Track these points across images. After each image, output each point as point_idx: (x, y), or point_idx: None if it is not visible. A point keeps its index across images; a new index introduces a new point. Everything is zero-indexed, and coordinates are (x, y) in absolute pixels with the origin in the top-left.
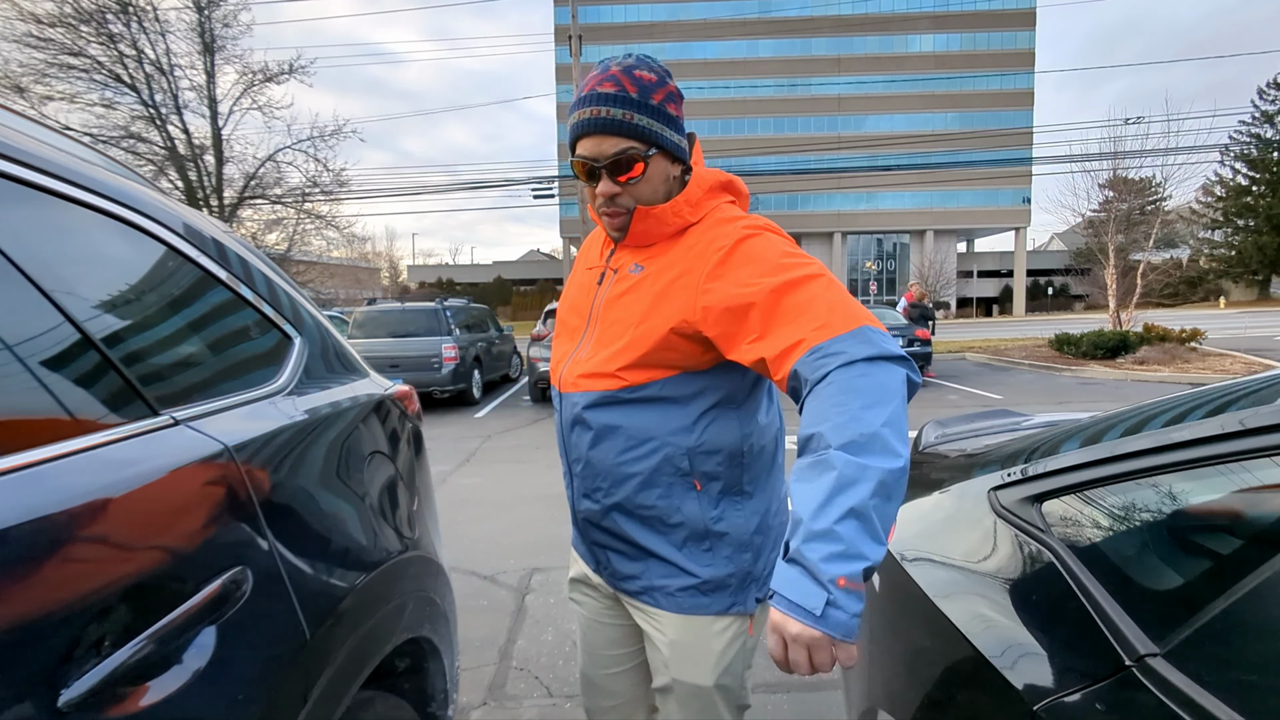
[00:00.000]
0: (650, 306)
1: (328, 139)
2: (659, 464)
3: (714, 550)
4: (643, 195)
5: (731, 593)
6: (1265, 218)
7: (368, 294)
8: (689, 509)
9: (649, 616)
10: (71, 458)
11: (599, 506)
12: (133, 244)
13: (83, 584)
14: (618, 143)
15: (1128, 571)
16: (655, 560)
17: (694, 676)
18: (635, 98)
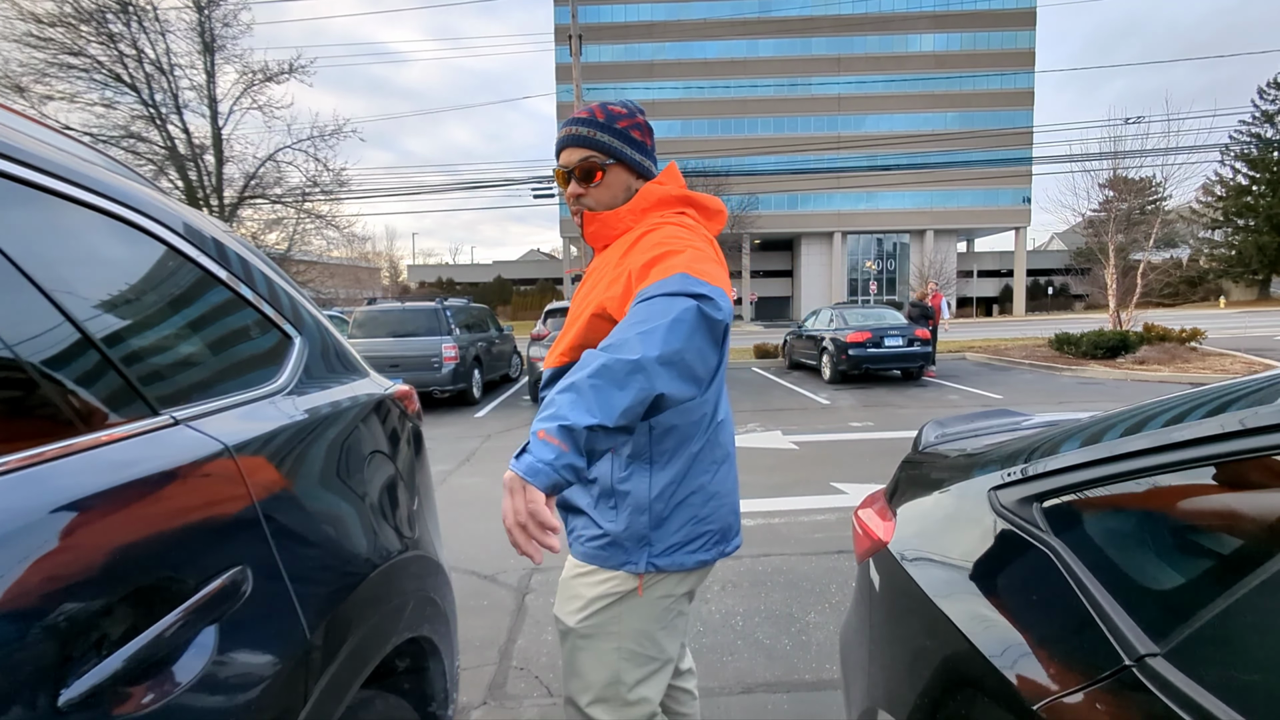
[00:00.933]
0: (584, 296)
1: (328, 139)
2: None
3: (617, 508)
4: (602, 199)
5: (625, 551)
6: (1265, 217)
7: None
8: (601, 467)
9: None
10: (72, 457)
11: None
12: (133, 244)
13: (83, 584)
14: (583, 153)
15: (1128, 571)
16: (577, 514)
17: (564, 614)
18: (601, 121)
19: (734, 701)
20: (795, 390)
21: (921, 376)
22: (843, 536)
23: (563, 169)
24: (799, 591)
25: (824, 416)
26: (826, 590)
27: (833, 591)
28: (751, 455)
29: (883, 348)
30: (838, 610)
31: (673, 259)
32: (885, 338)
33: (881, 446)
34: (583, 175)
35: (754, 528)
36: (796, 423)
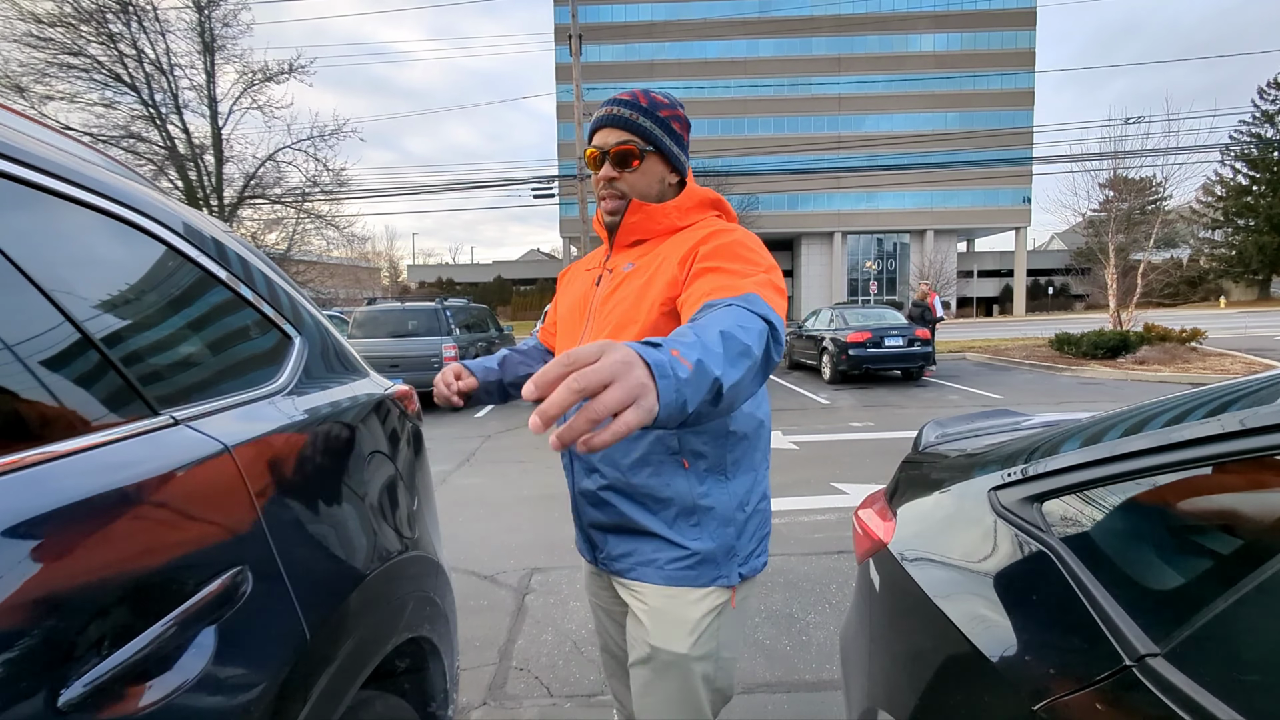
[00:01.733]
0: (641, 292)
1: (327, 139)
2: (651, 443)
3: (701, 525)
4: (636, 186)
5: (717, 565)
6: (1265, 217)
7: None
8: (678, 485)
9: (633, 592)
10: (71, 457)
11: (596, 486)
12: (133, 244)
13: (83, 584)
14: (621, 135)
15: (1128, 571)
16: (646, 537)
17: (672, 644)
18: (644, 106)
19: (734, 701)
20: (795, 390)
21: (921, 376)
22: (843, 536)
23: (598, 149)
24: (799, 591)
25: (824, 416)
26: (826, 590)
27: (833, 591)
28: None
29: (883, 348)
30: (838, 610)
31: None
32: (885, 338)
33: (881, 446)
34: (619, 159)
35: None
36: (796, 423)
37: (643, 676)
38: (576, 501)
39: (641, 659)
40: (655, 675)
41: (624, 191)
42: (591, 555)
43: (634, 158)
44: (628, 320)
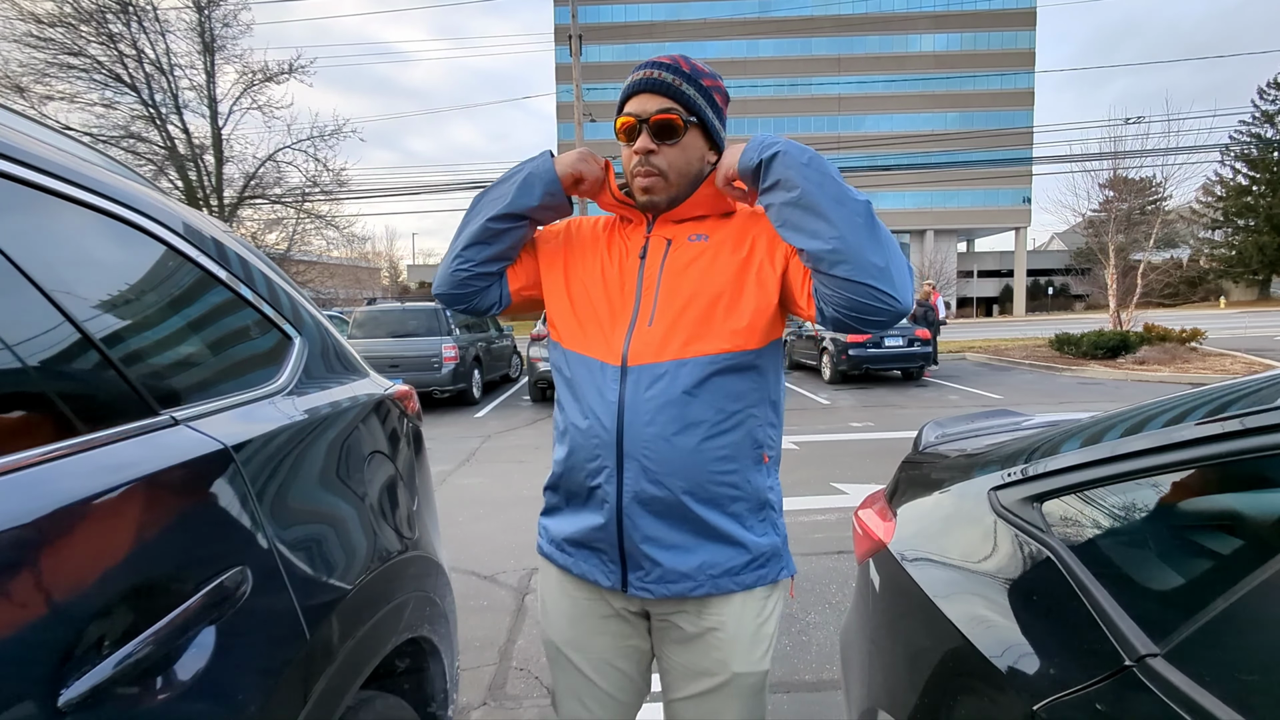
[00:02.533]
0: (743, 267)
1: (327, 139)
2: (741, 438)
3: (767, 520)
4: (675, 161)
5: (781, 557)
6: (1265, 218)
7: (368, 294)
8: (755, 482)
9: (700, 616)
10: (71, 457)
11: (663, 493)
12: (133, 244)
13: (83, 584)
14: (663, 102)
15: (1128, 571)
16: (716, 544)
17: (754, 662)
18: (686, 72)
19: None
20: (795, 390)
21: (921, 376)
22: (843, 536)
23: (634, 117)
24: (799, 591)
25: (824, 416)
26: (826, 590)
27: (833, 591)
28: None
29: (883, 348)
30: (838, 610)
31: None
32: (885, 338)
33: (881, 446)
34: (660, 130)
35: None
36: (797, 423)
37: (712, 705)
38: (624, 519)
39: (713, 687)
40: (732, 700)
41: (662, 168)
42: (621, 581)
43: (676, 130)
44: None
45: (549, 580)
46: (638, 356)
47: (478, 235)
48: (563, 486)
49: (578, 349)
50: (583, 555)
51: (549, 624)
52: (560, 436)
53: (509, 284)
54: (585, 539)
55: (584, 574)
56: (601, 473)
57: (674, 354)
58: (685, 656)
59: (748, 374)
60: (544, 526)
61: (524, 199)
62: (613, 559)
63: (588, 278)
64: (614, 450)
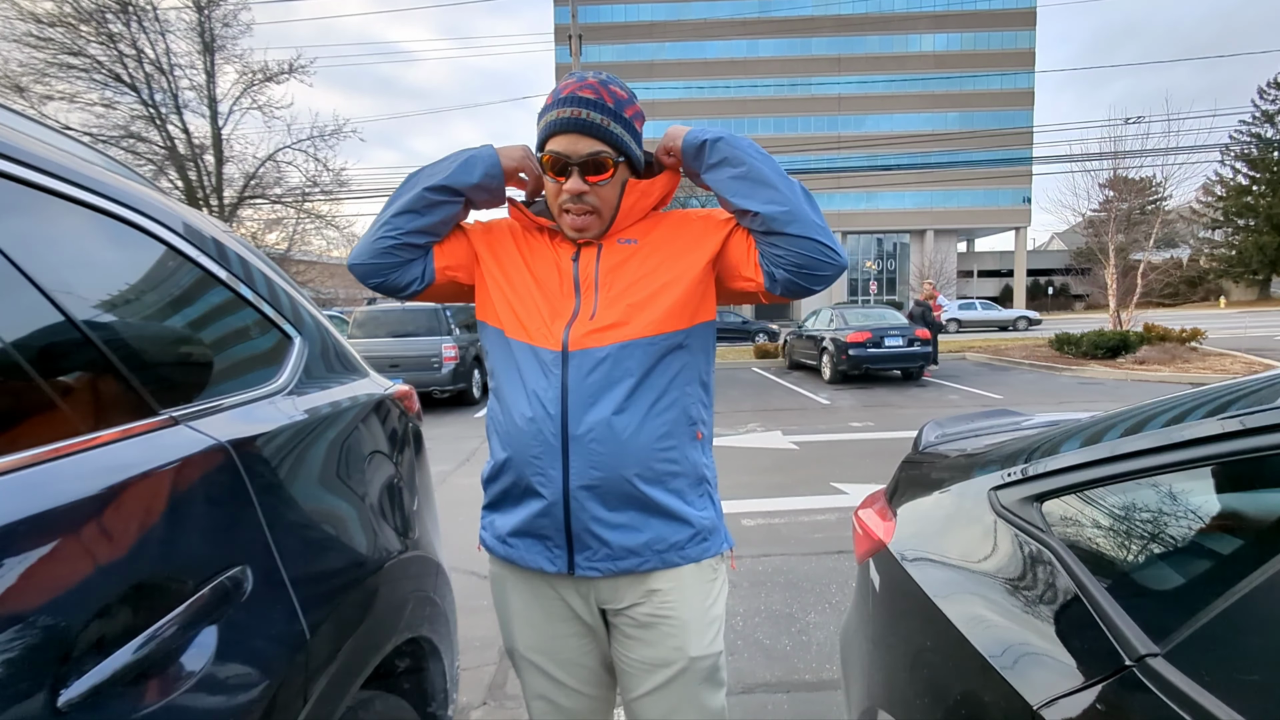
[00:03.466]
0: (671, 259)
1: (327, 139)
2: (677, 415)
3: (705, 495)
4: (606, 197)
5: (720, 532)
6: (1265, 217)
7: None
8: (692, 458)
9: (651, 604)
10: (71, 457)
11: (609, 474)
12: (133, 244)
13: (83, 584)
14: (593, 144)
15: (1128, 571)
16: (660, 519)
17: (708, 646)
18: (611, 108)
19: (734, 701)
20: (795, 390)
21: (921, 376)
22: (843, 536)
23: (559, 156)
24: (799, 591)
25: (824, 416)
26: (826, 590)
27: (833, 591)
28: (751, 455)
29: (883, 348)
30: (838, 610)
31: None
32: (885, 338)
33: (881, 446)
34: (591, 169)
35: (754, 528)
36: (796, 423)
37: (673, 696)
38: (571, 501)
39: (672, 676)
40: (691, 687)
41: (595, 205)
42: (566, 563)
43: (606, 169)
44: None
45: (497, 581)
46: (578, 343)
47: (410, 204)
48: (504, 477)
49: (520, 338)
50: (526, 544)
51: (509, 633)
52: (498, 426)
53: (434, 261)
54: (530, 528)
55: (527, 563)
56: (545, 458)
57: (613, 339)
58: (641, 650)
59: (680, 354)
60: (488, 521)
61: (463, 176)
62: (558, 544)
63: (520, 275)
64: (559, 435)
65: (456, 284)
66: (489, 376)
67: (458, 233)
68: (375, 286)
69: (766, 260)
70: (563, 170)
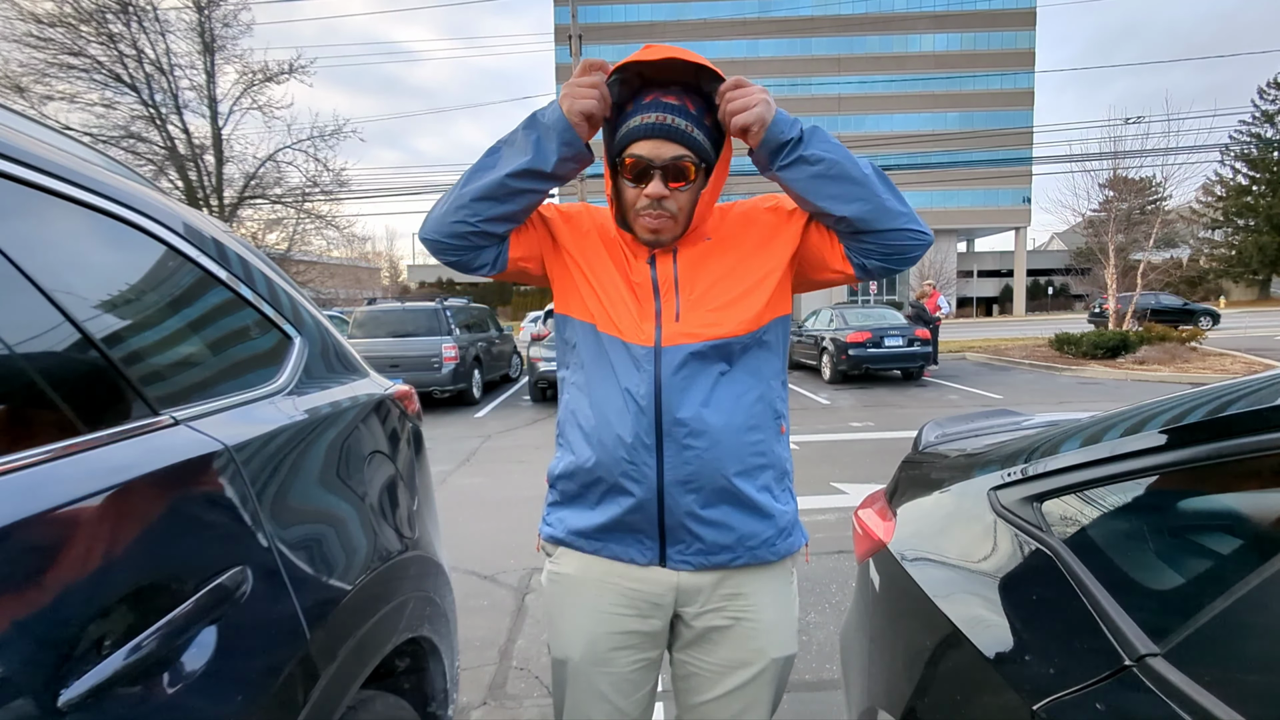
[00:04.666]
0: (748, 257)
1: (327, 139)
2: (764, 409)
3: (788, 489)
4: (684, 204)
5: (799, 525)
6: (1265, 217)
7: (368, 294)
8: (778, 451)
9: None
10: (72, 457)
11: (703, 468)
12: (133, 244)
13: (83, 584)
14: (677, 150)
15: (1128, 571)
16: (752, 515)
17: (788, 647)
18: (695, 114)
19: None
20: (795, 390)
21: (921, 376)
22: (843, 536)
23: (643, 160)
24: (799, 591)
25: (824, 416)
26: (826, 590)
27: (833, 591)
28: None
29: (883, 348)
30: (838, 610)
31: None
32: (885, 338)
33: (881, 446)
34: (674, 175)
35: None
36: (796, 423)
37: (748, 696)
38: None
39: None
40: (767, 686)
41: (673, 211)
42: (659, 555)
43: (689, 175)
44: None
45: (562, 583)
46: (671, 339)
47: (492, 190)
48: (588, 474)
49: (613, 332)
50: (615, 538)
51: (564, 642)
52: (583, 421)
53: (509, 250)
54: (619, 522)
55: (617, 555)
56: (639, 453)
57: (703, 336)
58: (720, 653)
59: (762, 349)
60: (558, 518)
61: (541, 157)
62: (651, 536)
63: (606, 271)
64: (653, 431)
65: (524, 273)
66: (569, 370)
67: (536, 221)
68: (447, 263)
69: (856, 254)
70: (643, 175)
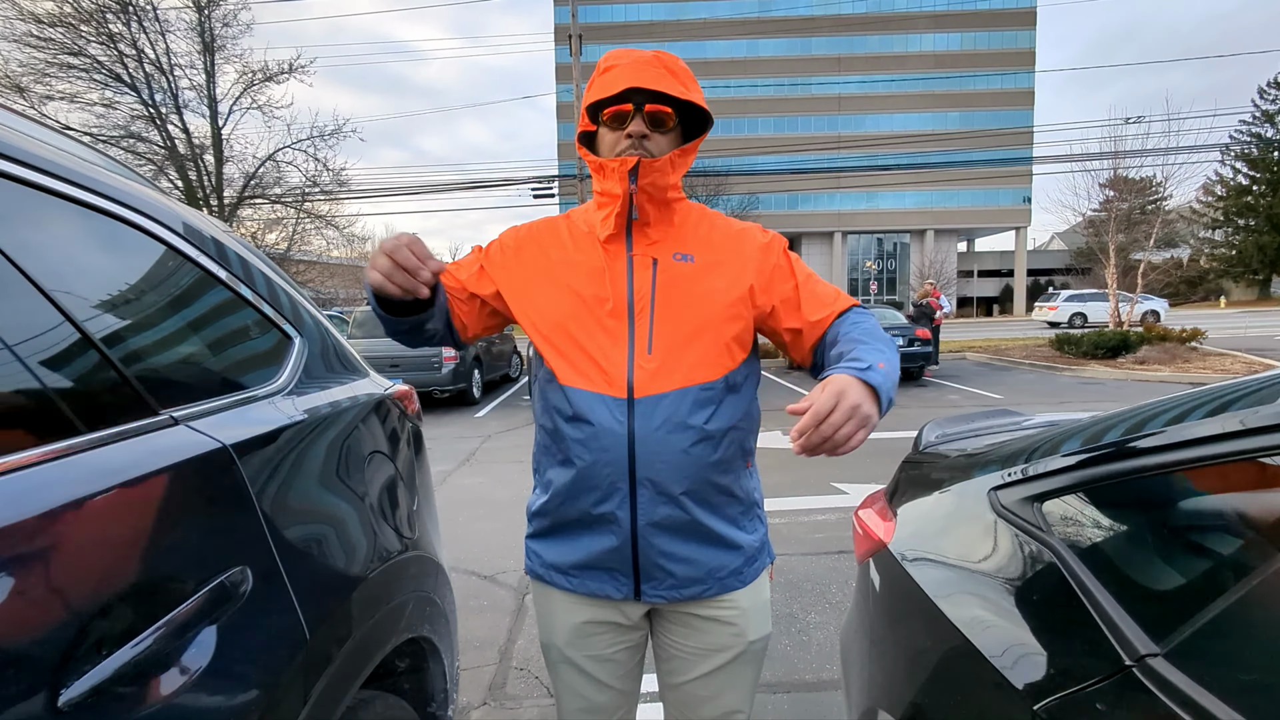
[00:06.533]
0: (730, 297)
1: (327, 138)
2: (735, 449)
3: (757, 519)
4: (664, 148)
5: (767, 546)
6: (1266, 217)
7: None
8: (746, 485)
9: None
10: (72, 457)
11: (679, 509)
12: (133, 244)
13: (83, 584)
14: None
15: (1128, 571)
16: (721, 550)
17: (763, 628)
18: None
19: None
20: (795, 390)
21: (921, 376)
22: (843, 536)
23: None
24: (799, 591)
25: None
26: (826, 590)
27: (833, 591)
28: None
29: None
30: (838, 610)
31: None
32: None
33: (881, 446)
34: (654, 120)
35: None
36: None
37: (725, 677)
38: (639, 539)
39: (729, 660)
40: (745, 667)
41: (654, 153)
42: (633, 590)
43: (668, 124)
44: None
45: (549, 600)
46: (643, 388)
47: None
48: (561, 513)
49: (580, 385)
50: (590, 575)
51: (549, 631)
52: (555, 460)
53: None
54: (595, 562)
55: (591, 592)
56: (613, 498)
57: (678, 383)
58: (699, 638)
59: (737, 391)
60: (535, 551)
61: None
62: (625, 574)
63: (567, 301)
64: (626, 477)
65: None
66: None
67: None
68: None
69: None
70: (624, 119)
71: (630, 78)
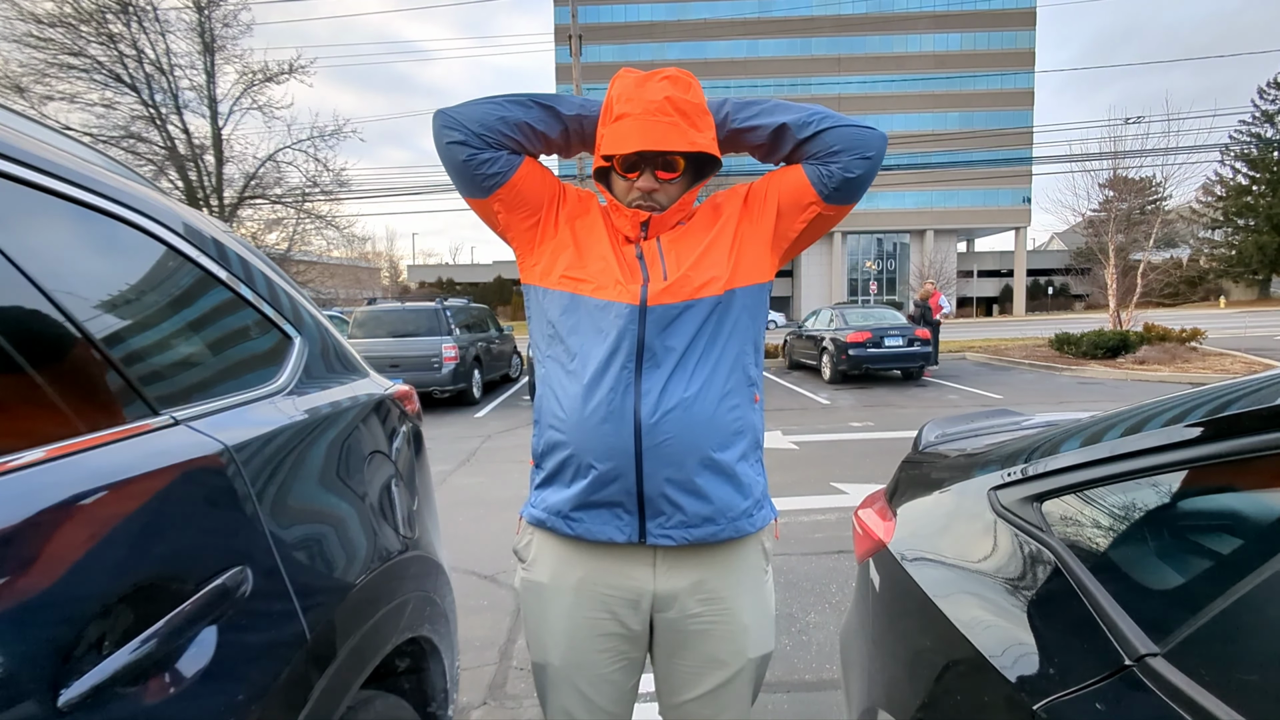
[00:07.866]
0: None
1: (327, 139)
2: (741, 375)
3: (758, 461)
4: (673, 195)
5: (769, 500)
6: (1265, 217)
7: (368, 294)
8: (751, 419)
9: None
10: (72, 457)
11: (681, 434)
12: (133, 244)
13: (83, 584)
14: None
15: (1128, 571)
16: (729, 485)
17: (766, 644)
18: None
19: None
20: (795, 390)
21: (921, 376)
22: (843, 536)
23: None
24: (799, 591)
25: (824, 416)
26: (826, 590)
27: (833, 591)
28: None
29: (883, 348)
30: (838, 610)
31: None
32: (885, 338)
33: (881, 446)
34: (666, 166)
35: None
36: (796, 423)
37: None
38: (644, 463)
39: (730, 677)
40: (745, 684)
41: (663, 204)
42: (638, 530)
43: (678, 168)
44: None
45: (534, 591)
46: (656, 299)
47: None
48: (567, 447)
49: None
50: (593, 515)
51: (542, 646)
52: (561, 393)
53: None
54: (598, 498)
55: (595, 535)
56: (613, 422)
57: (688, 295)
58: (699, 656)
59: (742, 313)
60: (541, 498)
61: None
62: (629, 509)
63: (598, 243)
64: (632, 397)
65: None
66: (544, 348)
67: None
68: (457, 160)
69: (820, 168)
70: (633, 168)
71: (640, 139)
